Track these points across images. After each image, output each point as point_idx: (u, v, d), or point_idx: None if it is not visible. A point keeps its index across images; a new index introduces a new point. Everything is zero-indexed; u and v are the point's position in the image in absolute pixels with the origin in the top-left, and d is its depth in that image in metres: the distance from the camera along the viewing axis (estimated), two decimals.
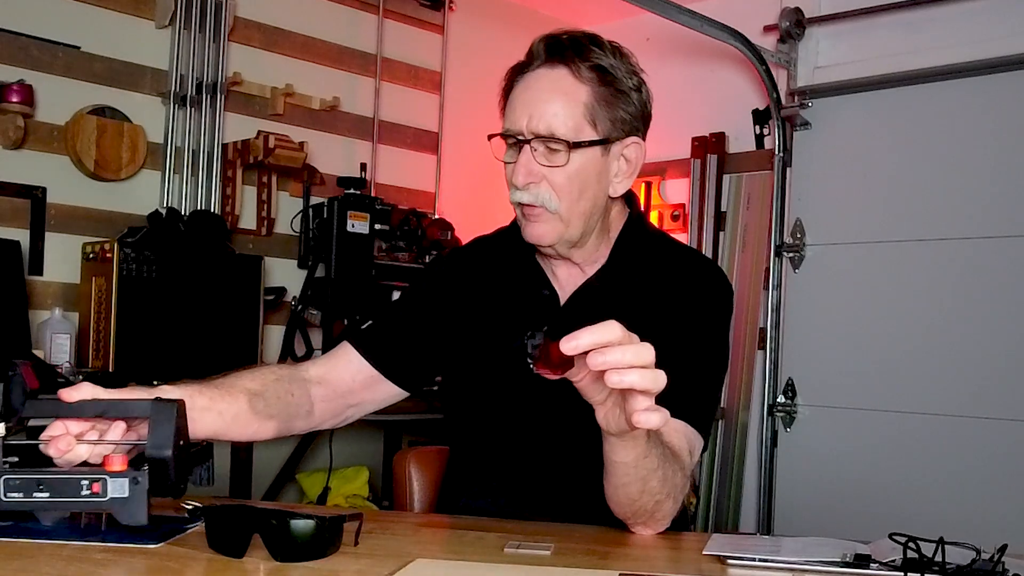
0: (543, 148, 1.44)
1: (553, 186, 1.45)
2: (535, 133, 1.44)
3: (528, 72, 1.47)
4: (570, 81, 1.45)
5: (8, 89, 2.78)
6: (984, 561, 1.08)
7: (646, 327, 1.50)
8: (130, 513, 1.15)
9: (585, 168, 1.46)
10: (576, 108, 1.44)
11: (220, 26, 3.23)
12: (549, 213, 1.46)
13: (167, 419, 1.19)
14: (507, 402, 1.53)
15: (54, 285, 2.91)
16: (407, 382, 1.61)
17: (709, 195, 3.87)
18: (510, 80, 1.50)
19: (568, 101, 1.44)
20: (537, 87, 1.46)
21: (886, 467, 3.35)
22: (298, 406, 1.52)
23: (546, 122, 1.43)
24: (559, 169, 1.44)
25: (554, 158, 1.44)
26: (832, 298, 3.55)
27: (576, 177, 1.45)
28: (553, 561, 1.16)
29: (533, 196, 1.45)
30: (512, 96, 1.48)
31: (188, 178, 3.17)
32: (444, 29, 3.91)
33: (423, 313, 1.62)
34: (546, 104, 1.44)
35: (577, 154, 1.45)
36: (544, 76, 1.46)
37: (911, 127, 3.41)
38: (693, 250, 1.69)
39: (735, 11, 3.55)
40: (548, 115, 1.43)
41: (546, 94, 1.45)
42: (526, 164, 1.45)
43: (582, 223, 1.49)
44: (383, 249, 3.39)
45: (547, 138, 1.44)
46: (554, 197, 1.45)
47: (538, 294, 1.56)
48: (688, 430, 1.42)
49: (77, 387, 1.22)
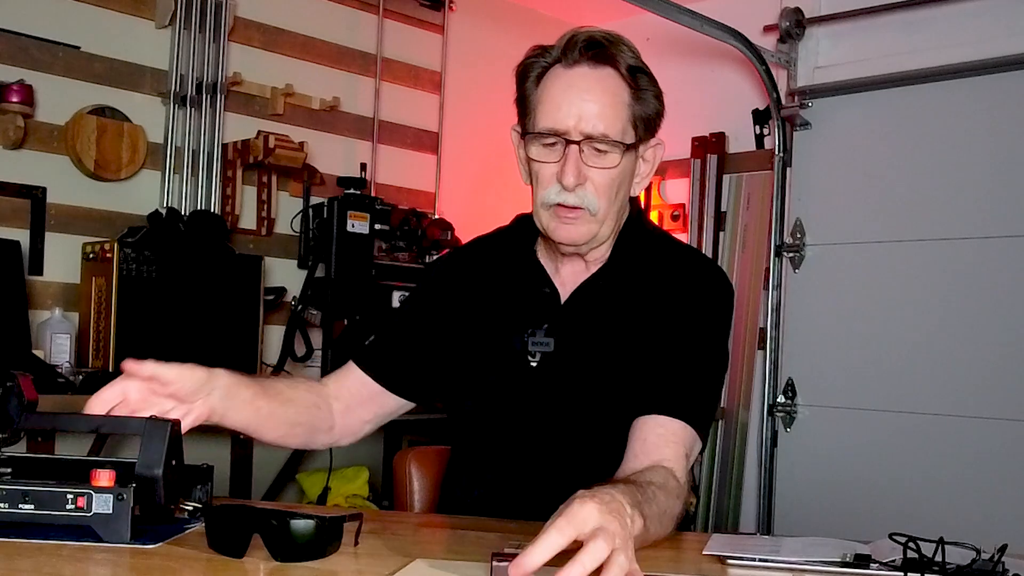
0: (590, 148, 1.42)
1: (596, 187, 1.44)
2: (586, 134, 1.41)
3: (567, 69, 1.44)
4: (616, 81, 1.44)
5: (8, 89, 2.78)
6: (984, 561, 1.08)
7: (645, 325, 1.50)
8: (113, 530, 1.14)
9: (625, 170, 1.47)
10: (623, 110, 1.44)
11: (220, 26, 3.23)
12: (588, 215, 1.44)
13: (159, 437, 1.18)
14: (508, 401, 1.53)
15: (54, 285, 2.91)
16: (412, 393, 1.61)
17: (709, 195, 3.86)
18: (536, 76, 1.46)
19: (616, 102, 1.43)
20: (584, 86, 1.43)
21: (886, 467, 3.34)
22: (323, 420, 1.55)
23: (596, 123, 1.41)
24: (607, 171, 1.43)
25: (603, 159, 1.43)
26: (832, 298, 3.55)
27: (618, 178, 1.45)
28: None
29: (579, 198, 1.43)
30: (549, 94, 1.44)
31: (188, 178, 3.17)
32: (444, 29, 3.91)
33: (423, 320, 1.61)
34: (596, 104, 1.42)
35: (625, 157, 1.44)
36: (590, 75, 1.43)
37: (911, 127, 3.41)
38: (694, 250, 1.69)
39: (735, 11, 3.55)
40: (599, 116, 1.41)
41: (595, 94, 1.42)
42: (576, 165, 1.42)
43: (613, 223, 1.50)
44: (383, 249, 3.39)
45: (600, 139, 1.41)
46: (596, 198, 1.44)
47: (539, 292, 1.55)
48: (685, 433, 1.42)
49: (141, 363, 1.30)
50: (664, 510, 1.30)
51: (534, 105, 1.46)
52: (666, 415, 1.42)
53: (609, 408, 1.48)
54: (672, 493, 1.32)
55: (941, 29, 3.36)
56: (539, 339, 1.52)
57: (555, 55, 1.45)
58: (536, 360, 1.51)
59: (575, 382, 1.50)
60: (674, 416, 1.43)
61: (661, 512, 1.29)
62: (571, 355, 1.50)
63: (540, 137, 1.44)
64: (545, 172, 1.45)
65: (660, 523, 1.28)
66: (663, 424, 1.42)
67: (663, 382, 1.45)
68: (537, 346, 1.51)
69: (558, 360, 1.50)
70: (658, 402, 1.44)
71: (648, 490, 1.29)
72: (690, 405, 1.45)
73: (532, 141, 1.46)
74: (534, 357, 1.51)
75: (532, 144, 1.46)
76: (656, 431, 1.41)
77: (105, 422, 1.22)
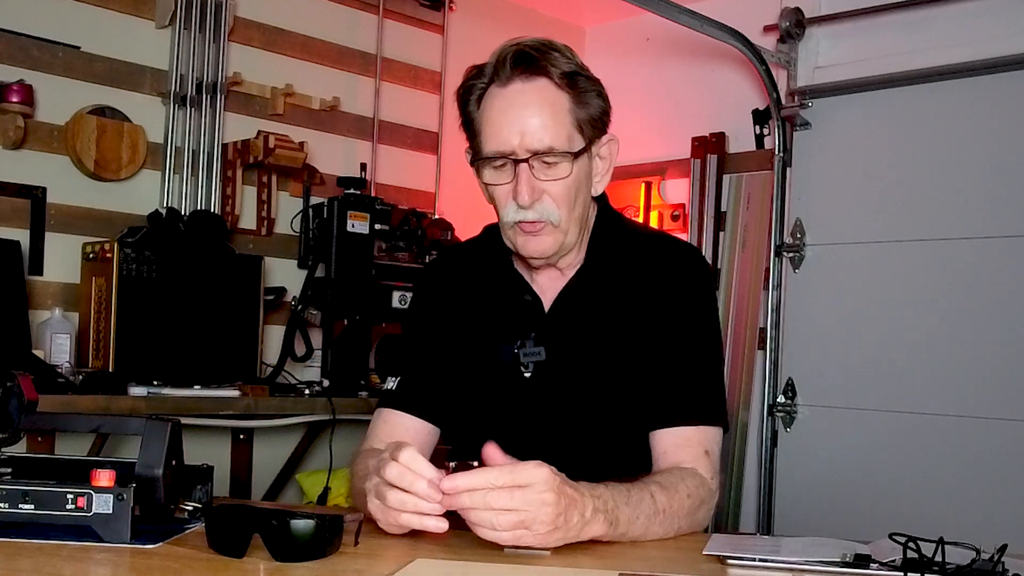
0: (539, 163, 1.41)
1: (554, 198, 1.43)
2: (532, 150, 1.40)
3: (502, 88, 1.42)
4: (552, 91, 1.42)
5: (8, 89, 2.78)
6: (984, 561, 1.08)
7: (631, 324, 1.50)
8: (113, 530, 1.14)
9: (579, 175, 1.45)
10: (565, 117, 1.42)
11: (220, 26, 3.23)
12: (552, 226, 1.44)
13: (159, 437, 1.18)
14: (505, 412, 1.52)
15: (54, 285, 2.91)
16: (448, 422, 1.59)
17: (709, 195, 3.86)
18: (476, 98, 1.45)
19: (556, 112, 1.41)
20: (521, 102, 1.41)
21: (886, 467, 3.34)
22: None
23: (541, 137, 1.40)
24: (560, 181, 1.42)
25: (554, 171, 1.42)
26: (832, 298, 3.55)
27: (573, 185, 1.44)
28: (553, 561, 1.16)
29: (539, 213, 1.42)
30: (488, 116, 1.43)
31: (188, 178, 3.17)
32: (444, 29, 3.91)
33: (432, 346, 1.59)
34: (536, 119, 1.40)
35: (577, 163, 1.43)
36: (524, 90, 1.41)
37: (911, 127, 3.41)
38: (665, 236, 1.66)
39: (735, 11, 3.55)
40: (542, 129, 1.40)
41: (533, 108, 1.41)
42: (528, 182, 1.41)
43: (577, 228, 1.49)
44: (383, 249, 3.39)
45: (545, 153, 1.40)
46: (555, 209, 1.43)
47: (520, 301, 1.54)
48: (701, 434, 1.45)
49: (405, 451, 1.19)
50: (663, 509, 1.31)
51: (478, 129, 1.46)
52: (678, 424, 1.45)
53: (605, 412, 1.49)
54: (682, 491, 1.35)
55: (941, 29, 3.36)
56: (529, 349, 1.51)
57: (489, 75, 1.44)
58: (529, 370, 1.51)
59: (570, 389, 1.50)
60: (685, 423, 1.45)
61: (657, 512, 1.30)
62: (563, 363, 1.50)
63: (488, 161, 1.44)
64: (500, 193, 1.45)
65: (655, 522, 1.30)
66: (678, 433, 1.45)
67: (666, 390, 1.47)
68: (529, 356, 1.50)
69: (551, 369, 1.50)
70: (666, 413, 1.46)
71: (644, 491, 1.30)
72: (698, 404, 1.46)
73: (482, 166, 1.45)
74: (527, 368, 1.51)
75: (483, 168, 1.45)
76: (673, 441, 1.45)
77: (105, 422, 1.22)
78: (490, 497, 1.13)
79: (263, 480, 3.24)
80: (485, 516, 1.13)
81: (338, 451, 2.91)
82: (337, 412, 3.00)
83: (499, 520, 1.13)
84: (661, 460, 1.45)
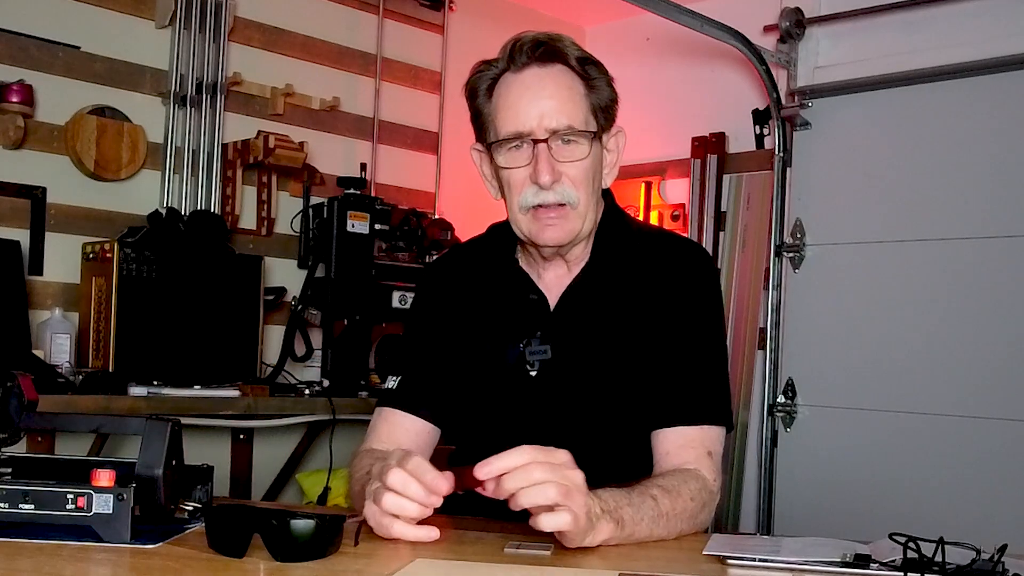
0: (558, 143, 1.42)
1: (572, 180, 1.43)
2: (552, 129, 1.41)
3: (518, 73, 1.44)
4: (568, 75, 1.44)
5: (8, 89, 2.78)
6: (984, 561, 1.08)
7: (637, 322, 1.50)
8: (113, 530, 1.14)
9: (595, 159, 1.46)
10: (581, 101, 1.44)
11: (220, 26, 3.23)
12: (572, 210, 1.44)
13: (159, 437, 1.18)
14: (512, 412, 1.51)
15: (54, 285, 2.91)
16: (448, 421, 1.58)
17: (709, 195, 3.86)
18: (487, 89, 1.46)
19: (573, 95, 1.43)
20: (539, 85, 1.42)
21: (886, 467, 3.34)
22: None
23: (559, 118, 1.41)
24: (579, 163, 1.43)
25: (573, 151, 1.42)
26: (832, 298, 3.55)
27: (590, 168, 1.45)
28: (553, 561, 1.16)
29: (559, 194, 1.42)
30: (505, 100, 1.44)
31: (188, 178, 3.17)
32: (444, 29, 3.91)
33: (433, 344, 1.58)
34: (554, 100, 1.41)
35: (595, 144, 1.44)
36: (542, 74, 1.43)
37: (911, 127, 3.41)
38: (671, 234, 1.66)
39: (735, 11, 3.55)
40: (560, 111, 1.41)
41: (552, 90, 1.42)
42: (548, 161, 1.41)
43: (592, 216, 1.49)
44: (383, 249, 3.39)
45: (565, 132, 1.41)
46: (574, 191, 1.43)
47: (526, 300, 1.54)
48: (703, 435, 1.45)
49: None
50: (665, 513, 1.31)
51: (491, 116, 1.46)
52: (680, 425, 1.45)
53: (612, 411, 1.49)
54: (685, 495, 1.35)
55: (941, 29, 3.36)
56: (535, 348, 1.50)
57: (502, 64, 1.45)
58: (535, 369, 1.50)
59: (576, 388, 1.49)
60: (688, 423, 1.45)
61: (660, 515, 1.30)
62: (569, 361, 1.49)
63: (505, 143, 1.43)
64: (517, 177, 1.44)
65: (659, 526, 1.30)
66: (680, 433, 1.45)
67: (670, 390, 1.46)
68: (535, 355, 1.50)
69: (557, 368, 1.50)
70: (669, 413, 1.46)
71: (646, 495, 1.30)
72: (702, 404, 1.46)
73: (497, 149, 1.45)
74: (533, 367, 1.50)
75: (498, 152, 1.45)
76: (675, 441, 1.44)
77: (105, 422, 1.22)
78: (534, 473, 1.14)
79: (263, 480, 3.24)
80: (532, 493, 1.13)
81: (338, 451, 2.91)
82: (337, 412, 3.00)
83: (549, 493, 1.13)
84: (664, 460, 1.44)
